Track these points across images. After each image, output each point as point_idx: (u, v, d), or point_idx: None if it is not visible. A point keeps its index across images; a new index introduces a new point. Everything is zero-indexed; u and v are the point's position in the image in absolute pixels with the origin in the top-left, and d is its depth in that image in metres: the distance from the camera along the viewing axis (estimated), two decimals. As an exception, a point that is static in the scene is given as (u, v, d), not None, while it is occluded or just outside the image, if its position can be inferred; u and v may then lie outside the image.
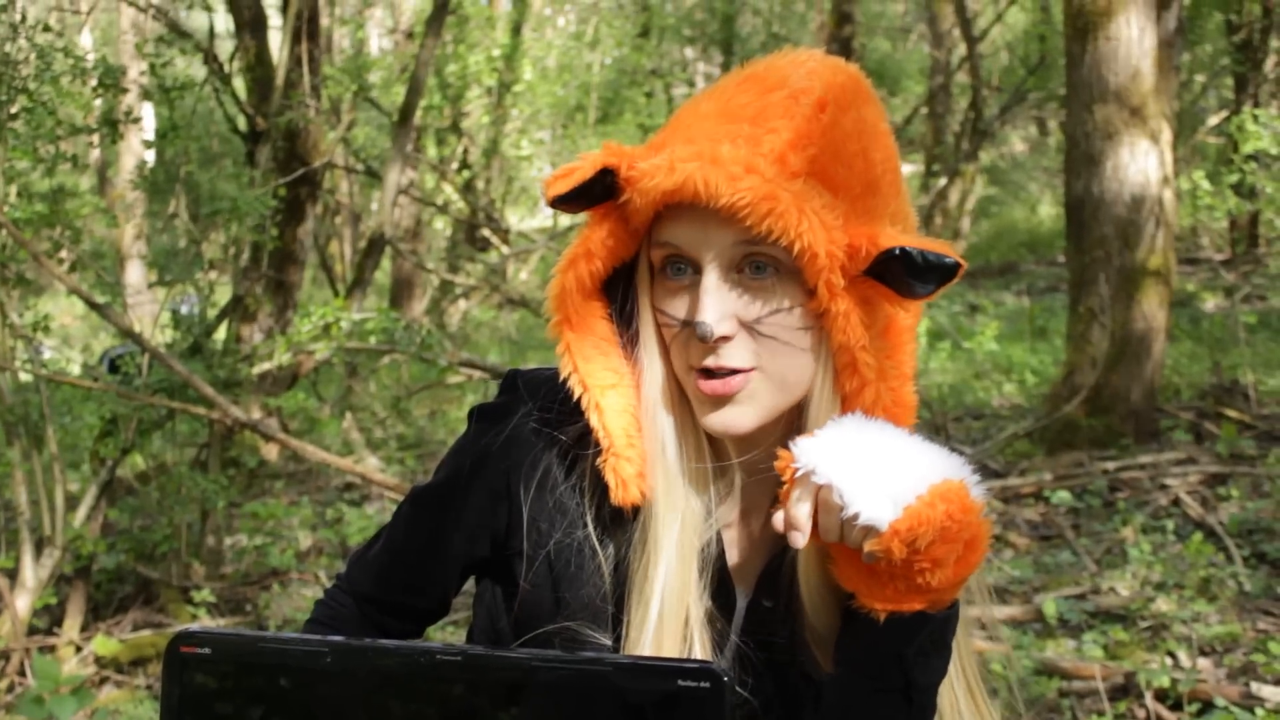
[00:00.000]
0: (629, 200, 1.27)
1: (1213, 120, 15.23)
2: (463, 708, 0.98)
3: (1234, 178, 8.29)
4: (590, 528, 1.36)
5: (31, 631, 5.22)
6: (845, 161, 1.25)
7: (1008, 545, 6.31)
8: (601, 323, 1.35)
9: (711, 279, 1.25)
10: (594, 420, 1.32)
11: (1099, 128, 7.54)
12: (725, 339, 1.25)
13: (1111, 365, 7.50)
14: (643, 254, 1.33)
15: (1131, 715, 4.24)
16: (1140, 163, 7.48)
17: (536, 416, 1.39)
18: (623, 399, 1.33)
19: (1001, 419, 8.94)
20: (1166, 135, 7.64)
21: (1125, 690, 4.36)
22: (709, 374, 1.27)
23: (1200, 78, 16.65)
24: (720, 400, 1.27)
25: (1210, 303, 11.15)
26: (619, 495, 1.31)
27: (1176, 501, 6.46)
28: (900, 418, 1.29)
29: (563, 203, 1.27)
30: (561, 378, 1.35)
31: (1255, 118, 7.84)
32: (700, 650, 1.32)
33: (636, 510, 1.34)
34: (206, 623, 5.42)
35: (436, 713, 0.98)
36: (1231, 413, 7.76)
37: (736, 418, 1.28)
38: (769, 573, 1.39)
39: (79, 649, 5.23)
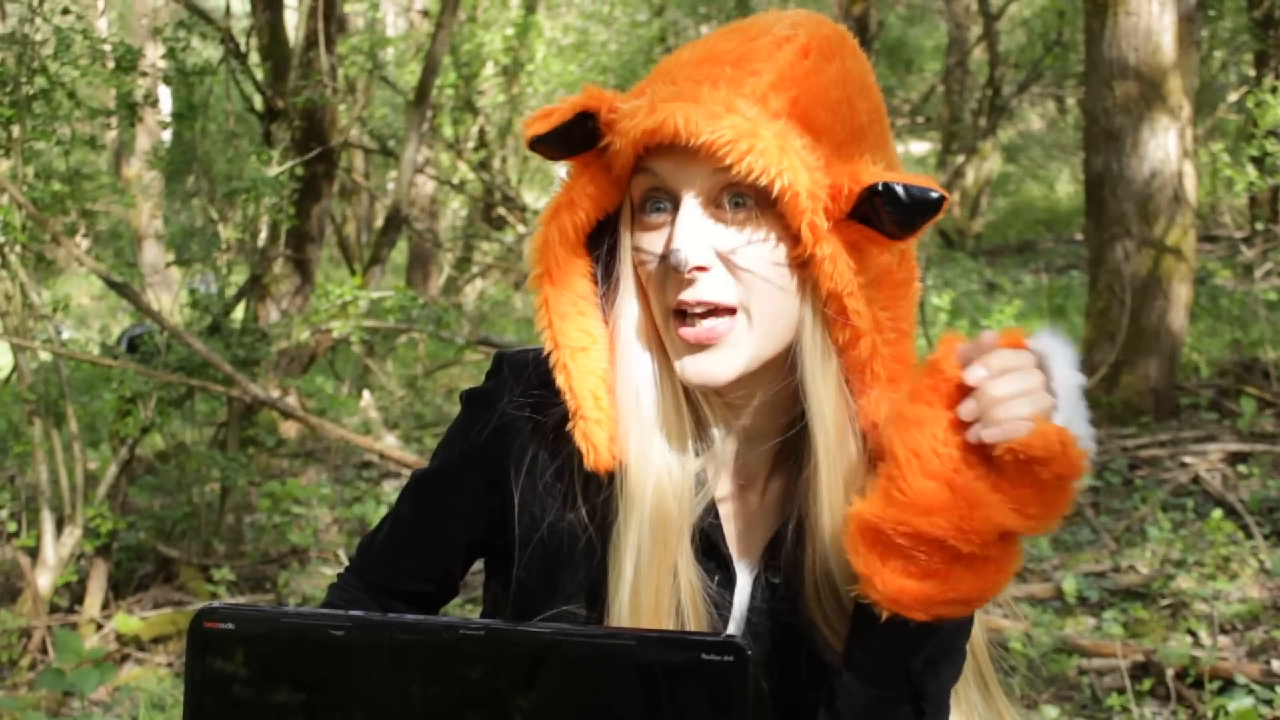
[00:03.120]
0: (610, 144, 1.25)
1: (1232, 97, 15.11)
2: (484, 682, 0.98)
3: (1253, 152, 8.22)
4: (580, 506, 1.32)
5: (52, 609, 5.25)
6: (829, 107, 1.23)
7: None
8: (582, 280, 1.31)
9: (688, 208, 1.21)
10: (560, 381, 1.28)
11: (1118, 104, 7.49)
12: (701, 269, 1.21)
13: (1131, 343, 7.47)
14: (625, 197, 1.30)
15: (1152, 693, 4.23)
16: (1160, 139, 7.43)
17: (522, 400, 1.35)
18: (593, 362, 1.28)
19: (1020, 397, 8.89)
20: (1186, 111, 7.59)
21: (1145, 668, 4.35)
22: (687, 321, 1.23)
23: (1220, 53, 16.53)
24: (698, 347, 1.23)
25: (1225, 279, 11.08)
26: (590, 460, 1.27)
27: (1196, 479, 6.43)
28: (901, 375, 1.25)
29: (542, 144, 1.25)
30: (543, 348, 1.32)
31: (1275, 90, 7.77)
32: (694, 626, 1.28)
33: (610, 478, 1.30)
34: (227, 600, 5.45)
35: (458, 687, 0.98)
36: (1252, 390, 7.72)
37: (715, 365, 1.23)
38: (774, 548, 1.35)
39: (100, 626, 5.26)
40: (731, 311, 1.22)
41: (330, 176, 8.09)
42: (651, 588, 1.25)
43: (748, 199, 1.21)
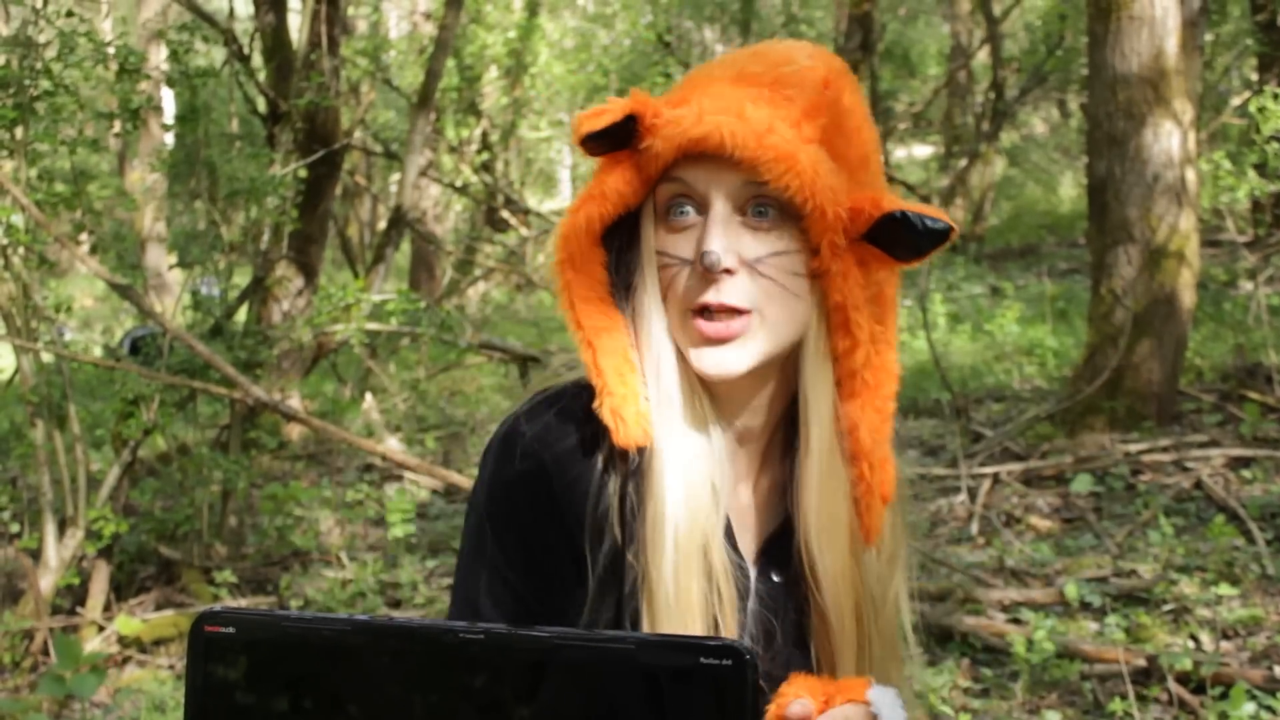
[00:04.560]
0: (649, 147, 1.31)
1: (1236, 101, 15.11)
2: (485, 686, 0.98)
3: (1255, 158, 8.22)
4: (610, 481, 1.33)
5: (54, 611, 5.26)
6: (846, 135, 1.34)
7: (1029, 528, 6.30)
8: (599, 269, 1.36)
9: (719, 212, 1.29)
10: (586, 358, 1.33)
11: (1121, 108, 7.49)
12: (729, 271, 1.28)
13: (1134, 347, 7.47)
14: (650, 197, 1.35)
15: (1154, 699, 4.23)
16: (1163, 143, 7.43)
17: (549, 445, 1.35)
18: (615, 341, 1.34)
19: (1023, 401, 8.91)
20: (1189, 116, 7.59)
21: (1147, 673, 4.35)
22: (707, 316, 1.30)
23: (1223, 58, 16.54)
24: (716, 342, 1.30)
25: (1227, 283, 11.09)
26: (620, 435, 1.30)
27: (1199, 484, 6.43)
28: (886, 383, 1.35)
29: (591, 141, 1.31)
30: (573, 357, 1.37)
31: (1276, 97, 7.77)
32: (727, 603, 1.31)
33: (641, 457, 1.32)
34: (229, 603, 5.45)
35: (459, 690, 0.98)
36: (1255, 395, 7.72)
37: (731, 359, 1.30)
38: (773, 545, 1.40)
39: (101, 629, 5.26)
40: (747, 313, 1.30)
41: (333, 179, 8.11)
42: (690, 564, 1.29)
43: (771, 209, 1.30)
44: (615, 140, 1.32)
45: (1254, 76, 14.61)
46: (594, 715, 0.98)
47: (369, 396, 8.89)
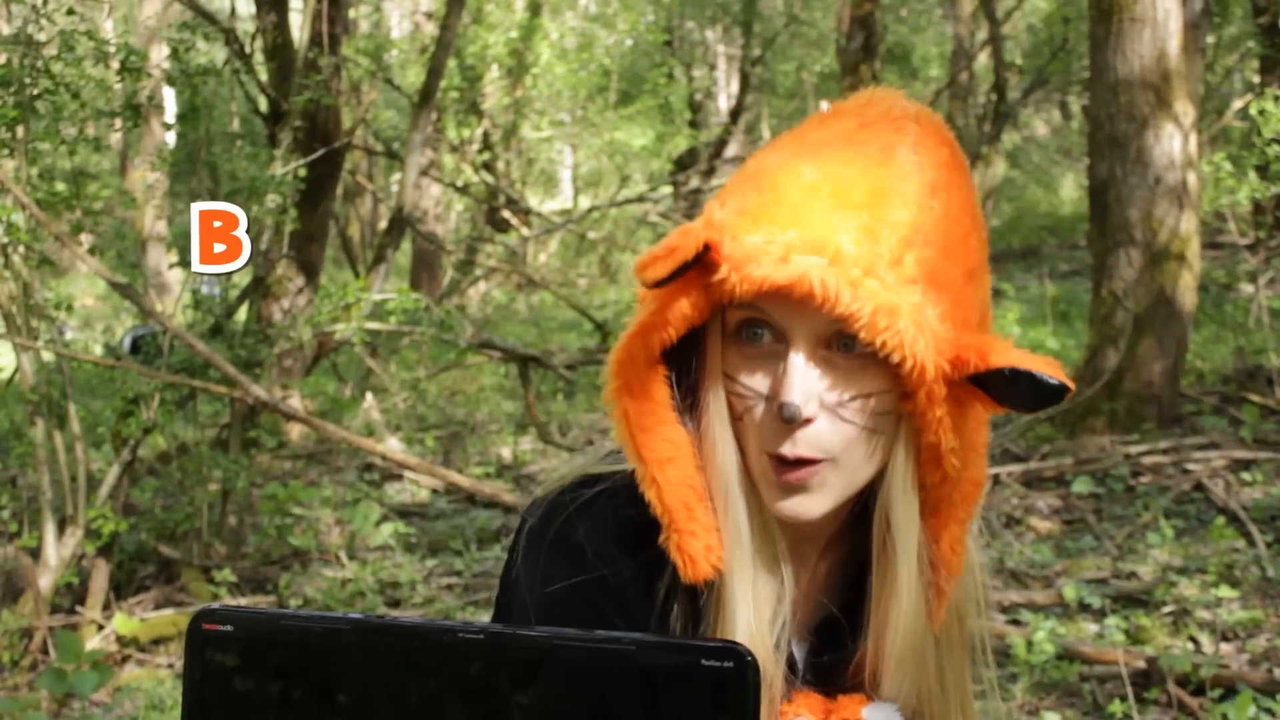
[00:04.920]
0: (723, 280, 1.16)
1: (1237, 104, 15.10)
2: (483, 685, 0.98)
3: (1256, 160, 8.22)
4: (671, 616, 1.28)
5: (53, 610, 5.25)
6: (951, 254, 1.19)
7: (1029, 529, 6.29)
8: (661, 388, 1.24)
9: (800, 356, 1.17)
10: (651, 495, 1.22)
11: (1123, 110, 7.49)
12: (808, 421, 1.17)
13: (1134, 349, 7.46)
14: (718, 315, 1.23)
15: (1154, 700, 4.22)
16: (1165, 145, 7.43)
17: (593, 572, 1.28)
18: (679, 471, 1.23)
19: (1023, 403, 8.89)
20: (1191, 118, 7.58)
21: (1147, 675, 4.34)
22: (784, 460, 1.20)
23: (1226, 60, 16.53)
24: (793, 490, 1.21)
25: (1228, 285, 11.08)
26: (688, 573, 1.21)
27: (1199, 486, 6.42)
28: (973, 495, 1.25)
29: (660, 284, 1.17)
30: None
31: (1278, 99, 7.76)
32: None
33: (708, 588, 1.25)
34: (228, 602, 5.45)
35: (457, 690, 0.98)
36: (1255, 397, 7.71)
37: (808, 506, 1.21)
38: (825, 625, 1.35)
39: (100, 627, 5.26)
40: (826, 460, 1.20)
41: (334, 178, 8.10)
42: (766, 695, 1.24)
43: (857, 344, 1.16)
44: (684, 267, 1.16)
45: (1256, 79, 14.60)
46: (592, 716, 0.97)
47: (369, 396, 8.89)
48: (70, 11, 5.29)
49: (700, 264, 1.16)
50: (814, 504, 1.22)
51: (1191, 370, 8.44)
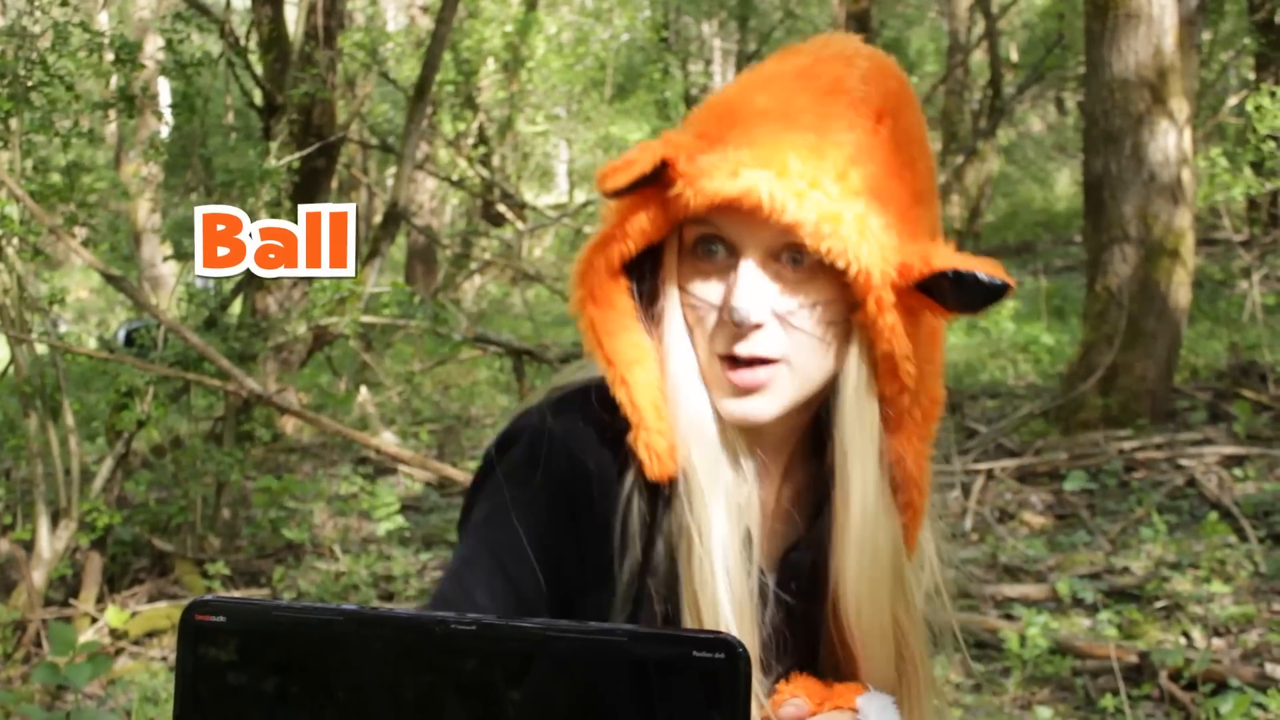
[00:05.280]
0: (679, 194, 1.23)
1: (1233, 100, 15.11)
2: (476, 676, 0.98)
3: (1251, 156, 8.23)
4: (633, 514, 1.30)
5: (47, 603, 5.25)
6: (897, 174, 1.25)
7: (1022, 524, 6.30)
8: (624, 298, 1.31)
9: (750, 266, 1.23)
10: (620, 395, 1.28)
11: (1118, 106, 7.49)
12: (757, 326, 1.23)
13: (1128, 345, 7.47)
14: (675, 232, 1.29)
15: (1146, 695, 4.23)
16: (1160, 141, 7.43)
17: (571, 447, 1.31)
18: (647, 373, 1.29)
19: (1017, 398, 8.92)
20: (1186, 114, 7.59)
21: (1139, 670, 4.35)
22: (736, 362, 1.25)
23: (1221, 56, 16.54)
24: (744, 391, 1.25)
25: (1223, 281, 11.10)
26: (654, 469, 1.26)
27: (1192, 482, 6.44)
28: (932, 412, 1.30)
29: (619, 194, 1.25)
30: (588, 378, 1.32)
31: (1273, 95, 7.77)
32: (782, 628, 1.31)
33: (672, 489, 1.29)
34: (220, 593, 5.45)
35: (450, 681, 0.98)
36: (1249, 393, 7.72)
37: (759, 408, 1.26)
38: (789, 563, 1.37)
39: (94, 620, 5.26)
40: (776, 361, 1.25)
41: (330, 171, 8.09)
42: (742, 588, 1.27)
43: (806, 258, 1.22)
44: (644, 183, 1.24)
45: (1251, 75, 14.61)
46: (585, 707, 0.98)
47: (364, 389, 8.89)
48: (64, 3, 5.28)
49: (658, 182, 1.23)
50: (765, 404, 1.26)
51: (1185, 366, 8.45)
